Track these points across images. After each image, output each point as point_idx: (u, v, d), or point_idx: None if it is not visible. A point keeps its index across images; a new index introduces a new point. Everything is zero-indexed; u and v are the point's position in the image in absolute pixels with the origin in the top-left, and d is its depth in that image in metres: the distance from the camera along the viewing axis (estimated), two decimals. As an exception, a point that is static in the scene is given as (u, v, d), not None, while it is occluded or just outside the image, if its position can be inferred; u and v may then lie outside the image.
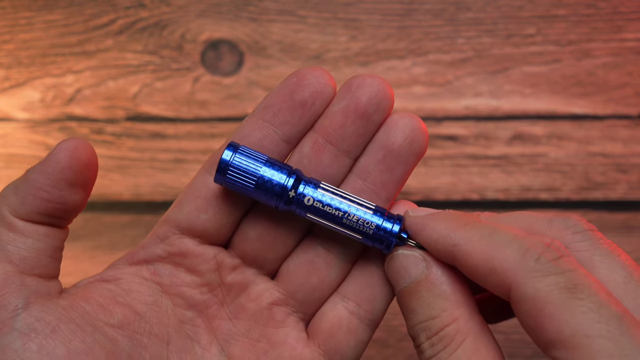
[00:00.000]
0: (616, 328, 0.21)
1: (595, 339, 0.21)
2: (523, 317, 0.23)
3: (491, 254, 0.23)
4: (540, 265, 0.23)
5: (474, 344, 0.24)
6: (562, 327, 0.22)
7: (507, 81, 0.49)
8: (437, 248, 0.25)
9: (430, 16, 0.50)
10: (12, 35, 0.50)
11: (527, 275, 0.22)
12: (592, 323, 0.21)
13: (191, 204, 0.28)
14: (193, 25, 0.50)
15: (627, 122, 0.49)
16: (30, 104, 0.50)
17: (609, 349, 0.21)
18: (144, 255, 0.28)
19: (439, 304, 0.25)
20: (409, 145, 0.27)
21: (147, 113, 0.50)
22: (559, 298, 0.22)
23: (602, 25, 0.49)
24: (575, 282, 0.22)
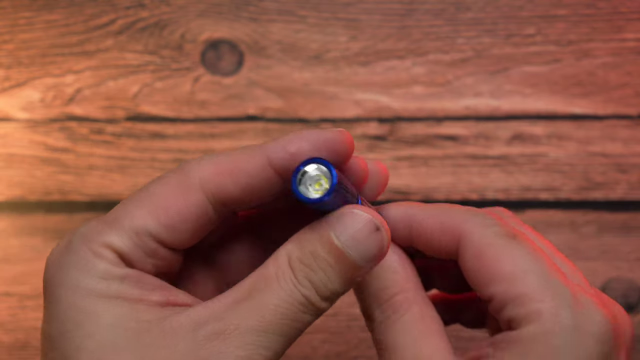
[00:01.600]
0: (547, 268, 0.26)
1: (529, 273, 0.25)
2: (469, 261, 0.27)
3: (443, 217, 0.28)
4: (486, 220, 0.27)
5: (419, 311, 0.27)
6: (503, 264, 0.26)
7: (507, 81, 0.49)
8: (395, 224, 0.28)
9: (430, 16, 0.50)
10: (12, 35, 0.50)
11: (475, 225, 0.27)
12: (528, 262, 0.26)
13: (190, 232, 0.26)
14: (193, 25, 0.50)
15: (627, 122, 0.49)
16: (30, 104, 0.50)
17: (541, 281, 0.25)
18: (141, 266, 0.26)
19: (390, 277, 0.28)
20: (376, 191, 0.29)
21: (147, 113, 0.50)
22: (501, 242, 0.26)
23: (602, 25, 0.49)
24: (515, 233, 0.27)
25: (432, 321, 0.27)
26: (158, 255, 0.25)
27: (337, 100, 0.49)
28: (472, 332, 0.33)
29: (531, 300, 0.25)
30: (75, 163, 0.49)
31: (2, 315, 0.49)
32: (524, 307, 0.25)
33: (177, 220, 0.25)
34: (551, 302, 0.25)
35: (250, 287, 0.24)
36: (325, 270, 0.24)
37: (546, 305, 0.25)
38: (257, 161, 0.25)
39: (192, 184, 0.25)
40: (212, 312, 0.24)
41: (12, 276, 0.49)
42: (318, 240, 0.24)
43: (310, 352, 0.49)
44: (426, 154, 0.49)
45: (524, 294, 0.25)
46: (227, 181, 0.25)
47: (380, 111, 0.49)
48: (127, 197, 0.26)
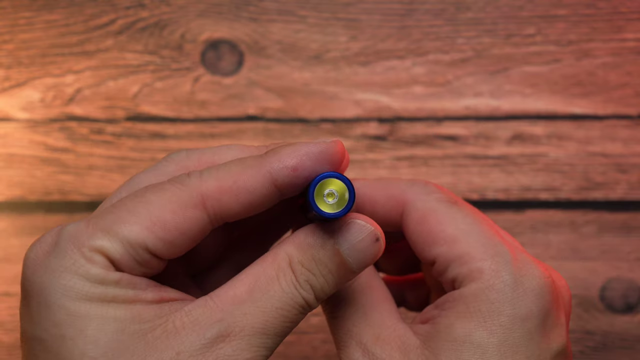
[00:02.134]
0: (487, 230, 0.27)
1: (470, 234, 0.27)
2: (413, 227, 0.28)
3: (387, 186, 0.29)
4: (428, 188, 0.29)
5: (368, 280, 0.29)
6: (445, 227, 0.27)
7: (507, 81, 0.49)
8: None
9: (430, 16, 0.50)
10: (12, 35, 0.50)
11: (417, 193, 0.29)
12: (469, 224, 0.27)
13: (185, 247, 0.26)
14: (193, 25, 0.50)
15: (627, 122, 0.49)
16: (30, 104, 0.50)
17: (481, 241, 0.27)
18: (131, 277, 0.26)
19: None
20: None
21: (147, 113, 0.50)
22: (443, 207, 0.28)
23: (602, 25, 0.49)
24: (455, 200, 0.29)
25: (379, 288, 0.28)
26: (150, 264, 0.25)
27: (337, 100, 0.49)
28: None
29: (473, 259, 0.26)
30: (75, 163, 0.49)
31: (2, 315, 0.49)
32: (466, 266, 0.26)
33: (176, 235, 0.25)
34: (491, 261, 0.26)
35: (251, 287, 0.24)
36: (325, 276, 0.25)
37: (487, 264, 0.26)
38: (260, 178, 0.25)
39: (193, 201, 0.25)
40: (214, 311, 0.24)
41: (12, 276, 0.49)
42: (322, 247, 0.25)
43: (310, 352, 0.49)
44: (426, 154, 0.49)
45: (466, 253, 0.26)
46: (230, 199, 0.25)
47: (380, 111, 0.49)
48: (121, 200, 0.25)
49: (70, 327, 0.23)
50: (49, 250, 0.24)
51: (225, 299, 0.24)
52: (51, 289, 0.24)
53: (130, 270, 0.24)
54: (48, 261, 0.24)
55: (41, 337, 0.24)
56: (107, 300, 0.24)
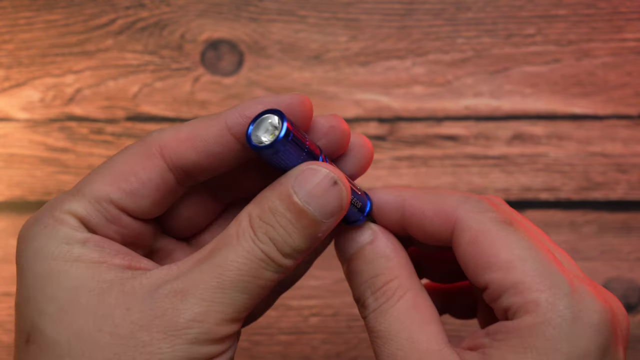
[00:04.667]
0: (544, 256, 0.25)
1: (527, 261, 0.25)
2: (464, 248, 0.26)
3: (437, 200, 0.27)
4: (481, 205, 0.27)
5: (413, 298, 0.27)
6: (499, 251, 0.25)
7: (507, 81, 0.49)
8: (388, 207, 0.28)
9: (430, 16, 0.50)
10: (12, 35, 0.50)
11: (470, 211, 0.26)
12: (525, 249, 0.25)
13: (149, 198, 0.26)
14: (193, 25, 0.50)
15: (627, 122, 0.49)
16: (30, 104, 0.50)
17: (539, 269, 0.25)
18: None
19: (383, 263, 0.27)
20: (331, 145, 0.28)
21: (147, 113, 0.50)
22: (497, 228, 0.26)
23: (602, 25, 0.49)
24: (511, 219, 0.26)
25: (426, 308, 0.27)
26: (121, 222, 0.26)
27: (337, 100, 0.49)
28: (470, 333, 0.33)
29: (528, 290, 0.24)
30: (75, 163, 0.49)
31: (2, 315, 0.49)
32: (521, 296, 0.25)
33: (136, 185, 0.25)
34: (549, 292, 0.24)
35: (212, 248, 0.25)
36: (285, 227, 0.24)
37: (544, 295, 0.24)
38: (215, 127, 0.26)
39: (152, 151, 0.26)
40: (173, 273, 0.24)
41: (12, 276, 0.49)
42: (277, 197, 0.24)
43: (310, 352, 0.49)
44: (426, 154, 0.49)
45: (521, 282, 0.25)
46: (186, 147, 0.26)
47: (380, 111, 0.49)
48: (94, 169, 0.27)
49: (34, 288, 0.24)
50: (31, 222, 0.25)
51: (188, 262, 0.25)
52: (25, 254, 0.25)
53: (103, 230, 0.25)
54: (27, 231, 0.25)
55: (18, 304, 0.25)
56: (72, 260, 0.24)
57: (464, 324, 0.48)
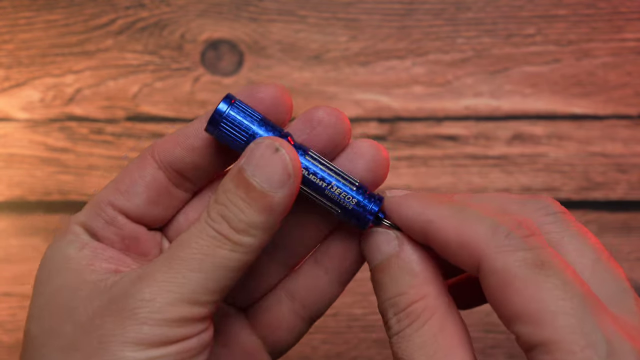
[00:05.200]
0: (579, 306, 0.22)
1: (559, 315, 0.22)
2: (490, 291, 0.23)
3: (463, 229, 0.24)
4: (510, 240, 0.23)
5: (440, 321, 0.24)
6: (527, 302, 0.22)
7: (507, 81, 0.49)
8: (411, 225, 0.26)
9: (430, 16, 0.50)
10: (12, 35, 0.50)
11: (497, 250, 0.23)
12: (557, 300, 0.22)
13: (142, 196, 0.27)
14: (193, 25, 0.50)
15: (627, 122, 0.49)
16: (30, 104, 0.50)
17: (571, 325, 0.22)
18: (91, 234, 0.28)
19: (408, 281, 0.25)
20: (371, 176, 0.28)
21: (147, 113, 0.50)
22: (527, 273, 0.22)
23: (602, 25, 0.49)
24: (543, 259, 0.23)
25: (454, 332, 0.24)
26: (117, 223, 0.27)
27: (337, 100, 0.49)
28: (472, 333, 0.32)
29: (559, 350, 0.22)
30: (75, 163, 0.49)
31: (2, 315, 0.49)
32: (552, 355, 0.22)
33: (129, 183, 0.27)
34: (582, 354, 0.21)
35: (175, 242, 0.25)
36: (236, 204, 0.24)
37: (577, 357, 0.21)
38: (196, 123, 0.27)
39: (145, 154, 0.28)
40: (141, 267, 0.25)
41: (13, 276, 0.49)
42: (229, 177, 0.25)
43: (310, 352, 0.49)
44: (426, 154, 0.49)
45: (552, 341, 0.22)
46: (171, 143, 0.27)
47: (380, 111, 0.49)
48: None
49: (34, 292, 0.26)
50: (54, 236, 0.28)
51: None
52: (40, 262, 0.27)
53: (102, 233, 0.27)
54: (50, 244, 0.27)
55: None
56: (64, 264, 0.26)
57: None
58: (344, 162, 0.28)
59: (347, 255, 0.29)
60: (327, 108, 0.27)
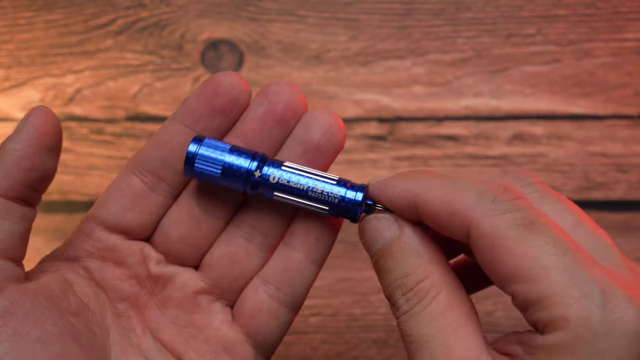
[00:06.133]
0: (571, 260, 0.22)
1: (551, 270, 0.22)
2: (482, 255, 0.24)
3: (451, 198, 0.24)
4: (498, 204, 0.24)
5: (447, 297, 0.25)
6: (520, 261, 0.23)
7: (507, 81, 0.49)
8: (400, 203, 0.26)
9: (430, 16, 0.50)
10: (12, 35, 0.50)
11: (485, 214, 0.24)
12: (549, 256, 0.22)
13: (117, 203, 0.29)
14: (193, 25, 0.50)
15: (627, 122, 0.49)
16: (30, 104, 0.50)
17: (564, 279, 0.22)
18: (73, 252, 0.29)
19: (413, 261, 0.26)
20: (327, 140, 0.29)
21: (147, 113, 0.50)
22: (517, 233, 0.23)
23: (602, 25, 0.49)
24: (532, 219, 0.23)
25: (462, 308, 0.25)
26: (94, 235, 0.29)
27: (337, 100, 0.49)
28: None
29: (555, 304, 0.22)
30: (75, 163, 0.49)
31: (2, 315, 0.49)
32: (548, 311, 0.22)
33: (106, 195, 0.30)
34: (577, 305, 0.22)
35: None
36: None
37: (572, 309, 0.22)
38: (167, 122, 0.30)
39: (123, 168, 0.30)
40: None
41: (12, 276, 0.49)
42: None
43: (310, 352, 0.49)
44: (426, 154, 0.49)
45: (547, 296, 0.22)
46: (144, 147, 0.29)
47: (380, 111, 0.49)
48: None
49: None
50: None
51: None
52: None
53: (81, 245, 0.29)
54: None
55: None
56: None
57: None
58: (300, 130, 0.29)
59: (310, 230, 0.29)
60: (278, 82, 0.29)
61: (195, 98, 0.29)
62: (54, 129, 0.27)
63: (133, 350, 0.28)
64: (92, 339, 0.26)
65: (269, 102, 0.29)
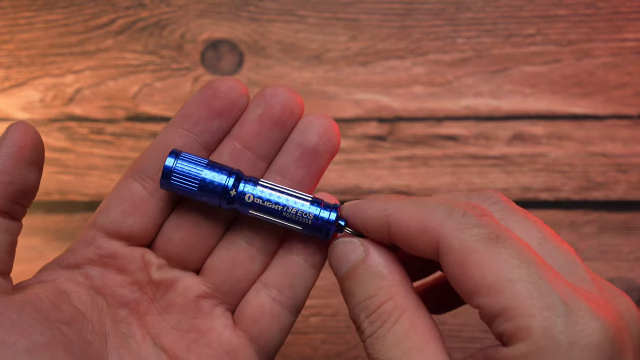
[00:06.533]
0: (535, 272, 0.23)
1: (516, 282, 0.23)
2: (450, 269, 0.24)
3: (421, 216, 0.25)
4: (465, 219, 0.24)
5: (411, 319, 0.25)
6: (485, 274, 0.23)
7: (507, 81, 0.49)
8: (372, 223, 0.27)
9: (430, 16, 0.50)
10: (12, 35, 0.50)
11: (453, 229, 0.24)
12: (513, 268, 0.23)
13: (117, 209, 0.29)
14: (193, 25, 0.50)
15: (627, 122, 0.49)
16: (30, 104, 0.50)
17: (528, 290, 0.22)
18: (74, 259, 0.29)
19: (376, 283, 0.26)
20: (323, 144, 0.29)
21: (147, 113, 0.50)
22: (483, 247, 0.23)
23: (602, 25, 0.49)
24: (498, 233, 0.24)
25: (425, 329, 0.25)
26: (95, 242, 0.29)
27: (337, 100, 0.49)
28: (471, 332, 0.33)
29: (519, 315, 0.22)
30: (75, 163, 0.49)
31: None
32: (512, 322, 0.23)
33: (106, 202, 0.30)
34: (541, 316, 0.22)
35: None
36: None
37: (536, 320, 0.22)
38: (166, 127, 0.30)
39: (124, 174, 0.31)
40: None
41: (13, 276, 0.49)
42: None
43: (310, 352, 0.49)
44: (426, 154, 0.49)
45: (511, 307, 0.22)
46: (144, 152, 0.30)
47: (380, 111, 0.49)
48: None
49: None
50: None
51: None
52: None
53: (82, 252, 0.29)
54: None
55: None
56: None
57: (463, 324, 0.48)
58: (297, 134, 0.29)
59: (307, 238, 0.30)
60: (275, 85, 0.30)
61: (194, 102, 0.29)
62: (33, 143, 0.27)
63: (132, 357, 0.28)
64: (86, 347, 0.26)
65: (265, 104, 0.29)
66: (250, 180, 0.29)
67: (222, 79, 0.29)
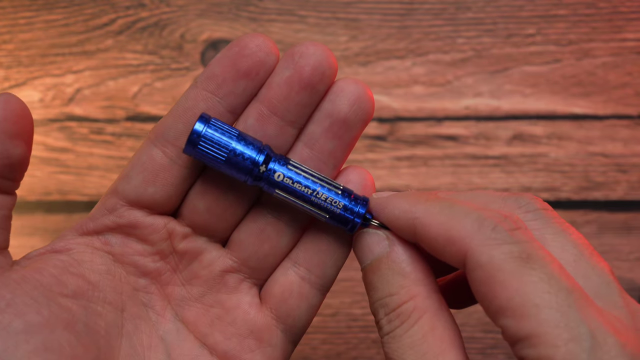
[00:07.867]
0: (564, 300, 0.22)
1: (543, 308, 0.21)
2: (476, 285, 0.23)
3: (449, 224, 0.24)
4: (496, 234, 0.23)
5: (430, 321, 0.24)
6: (512, 295, 0.22)
7: (507, 81, 0.49)
8: (399, 224, 0.26)
9: (430, 16, 0.50)
10: (12, 35, 0.50)
11: (482, 243, 0.23)
12: (542, 293, 0.22)
13: (138, 177, 0.27)
14: (193, 25, 0.50)
15: (627, 122, 0.49)
16: (30, 104, 0.50)
17: (555, 319, 0.21)
18: (94, 226, 0.28)
19: (398, 281, 0.25)
20: (354, 113, 0.28)
21: (147, 113, 0.50)
22: (512, 267, 0.22)
23: (602, 25, 0.49)
24: (529, 252, 0.22)
25: (445, 333, 0.24)
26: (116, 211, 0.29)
27: (337, 100, 0.49)
28: (471, 332, 0.32)
29: (543, 344, 0.21)
30: (75, 163, 0.49)
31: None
32: (536, 349, 0.21)
33: (128, 169, 0.28)
34: (565, 348, 0.21)
35: None
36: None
37: (560, 351, 0.21)
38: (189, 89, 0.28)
39: (144, 140, 0.29)
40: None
41: (12, 276, 0.49)
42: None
43: (310, 352, 0.49)
44: (426, 154, 0.49)
45: (536, 334, 0.21)
46: (164, 117, 0.28)
47: (380, 111, 0.49)
48: None
49: None
50: None
51: None
52: None
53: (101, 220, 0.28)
54: None
55: None
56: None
57: (463, 324, 0.48)
58: (327, 103, 0.28)
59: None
60: (306, 43, 0.27)
61: (219, 61, 0.27)
62: (16, 115, 0.25)
63: (149, 328, 0.27)
64: (94, 320, 0.25)
65: (295, 65, 0.27)
66: (281, 159, 0.27)
67: (250, 36, 0.27)
